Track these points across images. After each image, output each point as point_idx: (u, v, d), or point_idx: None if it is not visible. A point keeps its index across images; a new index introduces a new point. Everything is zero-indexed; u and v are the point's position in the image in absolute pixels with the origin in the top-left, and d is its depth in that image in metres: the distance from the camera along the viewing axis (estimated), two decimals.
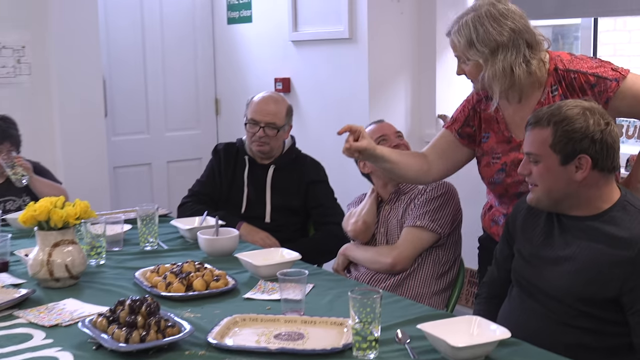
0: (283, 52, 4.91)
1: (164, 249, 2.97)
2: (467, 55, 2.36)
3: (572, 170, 2.04)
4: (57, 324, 2.14)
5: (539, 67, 2.35)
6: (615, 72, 2.32)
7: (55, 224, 2.45)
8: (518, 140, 2.42)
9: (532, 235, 2.19)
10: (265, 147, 3.40)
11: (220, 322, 2.08)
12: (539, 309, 2.10)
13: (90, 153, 4.78)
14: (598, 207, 2.07)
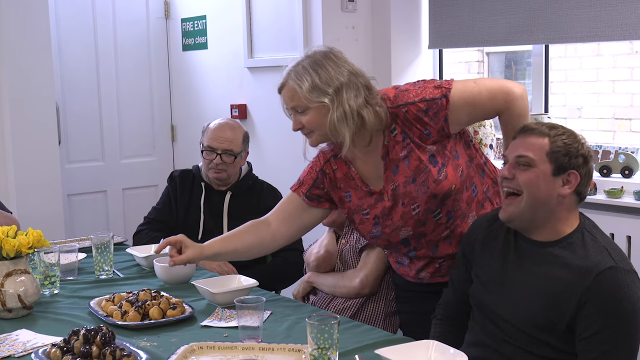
0: (239, 79, 4.92)
1: (119, 277, 2.94)
2: (310, 101, 2.25)
3: (559, 183, 2.03)
4: (9, 355, 2.10)
5: (382, 109, 2.29)
6: (439, 89, 2.28)
7: (7, 254, 2.41)
8: (378, 190, 2.38)
9: (490, 260, 2.18)
10: (222, 174, 3.39)
11: (177, 350, 2.06)
12: (499, 334, 2.09)
13: (44, 180, 4.70)
14: (559, 231, 2.06)
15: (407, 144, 2.32)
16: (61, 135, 4.99)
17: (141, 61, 5.46)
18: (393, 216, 2.36)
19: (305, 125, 2.30)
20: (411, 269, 2.54)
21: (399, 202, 2.35)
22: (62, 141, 5.02)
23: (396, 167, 2.34)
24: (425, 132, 2.30)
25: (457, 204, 2.35)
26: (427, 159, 2.31)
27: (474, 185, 2.40)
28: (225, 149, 3.35)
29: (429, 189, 2.30)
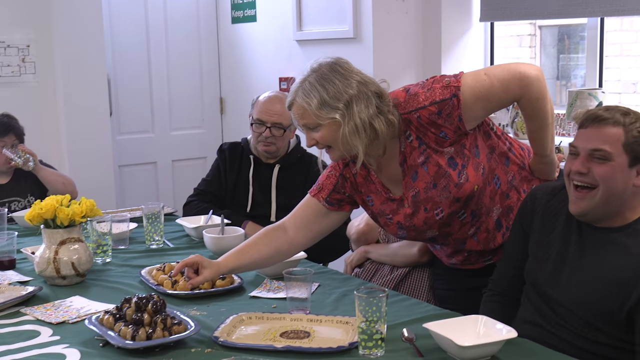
0: (287, 52, 4.92)
1: (169, 247, 2.98)
2: (320, 117, 2.16)
3: (634, 174, 1.95)
4: (64, 321, 2.15)
5: (394, 115, 2.21)
6: (449, 89, 2.19)
7: (61, 222, 2.46)
8: (398, 197, 2.33)
9: (549, 239, 2.11)
10: (271, 147, 3.40)
11: (226, 320, 2.09)
12: (555, 317, 2.04)
13: (96, 152, 4.79)
14: (626, 218, 1.99)
15: (424, 149, 2.24)
16: (112, 107, 5.06)
17: (191, 34, 5.48)
18: (415, 222, 2.32)
19: (319, 141, 2.23)
20: (442, 254, 2.53)
21: (421, 208, 2.29)
22: (113, 113, 5.09)
23: (415, 173, 2.27)
24: (441, 135, 2.21)
25: (481, 201, 2.29)
26: (445, 162, 2.23)
27: (496, 178, 2.32)
28: (274, 122, 3.35)
29: (450, 193, 2.24)
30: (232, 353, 1.87)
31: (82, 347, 1.96)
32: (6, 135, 3.67)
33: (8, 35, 4.58)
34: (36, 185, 3.78)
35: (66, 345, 1.97)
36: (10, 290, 2.42)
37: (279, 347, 1.90)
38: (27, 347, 1.98)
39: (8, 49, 4.59)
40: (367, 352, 1.86)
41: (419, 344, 1.90)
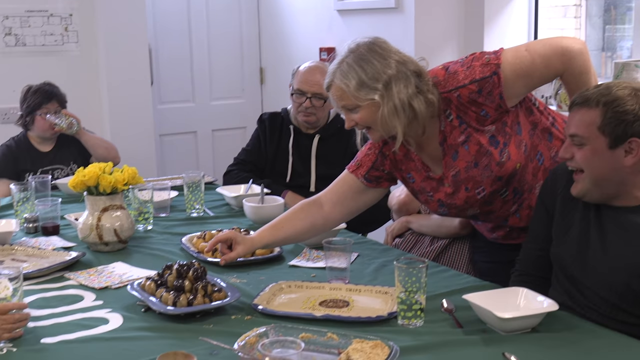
0: (328, 21, 4.88)
1: (210, 216, 3.00)
2: (359, 99, 2.12)
3: (621, 154, 1.91)
4: (107, 286, 2.19)
5: (434, 95, 2.17)
6: (489, 66, 2.14)
7: (104, 189, 2.49)
8: (437, 176, 2.30)
9: (571, 221, 2.07)
10: (311, 118, 3.40)
11: (266, 288, 2.11)
12: (583, 300, 2.01)
13: (137, 121, 4.83)
14: (637, 197, 1.95)
15: (465, 128, 2.20)
16: (153, 76, 5.08)
17: (231, 3, 5.47)
18: (456, 201, 2.29)
19: (359, 122, 2.20)
20: (484, 229, 2.50)
21: (462, 188, 2.26)
22: (154, 82, 5.11)
23: (455, 153, 2.24)
24: (481, 114, 2.17)
25: (523, 179, 2.26)
26: (487, 141, 2.20)
27: (539, 154, 2.28)
28: (315, 92, 3.34)
29: (492, 172, 2.21)
30: (271, 320, 1.88)
31: (124, 312, 1.99)
32: (49, 102, 3.70)
33: (51, 5, 4.61)
34: (79, 153, 3.82)
35: (109, 310, 2.01)
36: (55, 255, 2.46)
37: (318, 315, 1.91)
38: (71, 311, 2.01)
39: (51, 17, 4.62)
40: (406, 322, 1.86)
41: (459, 315, 1.90)
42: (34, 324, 1.90)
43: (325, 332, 1.76)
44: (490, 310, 1.79)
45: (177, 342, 1.78)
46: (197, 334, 1.82)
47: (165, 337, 1.83)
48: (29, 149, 3.77)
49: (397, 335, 1.79)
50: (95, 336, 1.85)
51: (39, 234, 2.76)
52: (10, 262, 2.42)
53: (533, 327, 1.83)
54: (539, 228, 2.19)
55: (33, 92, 3.71)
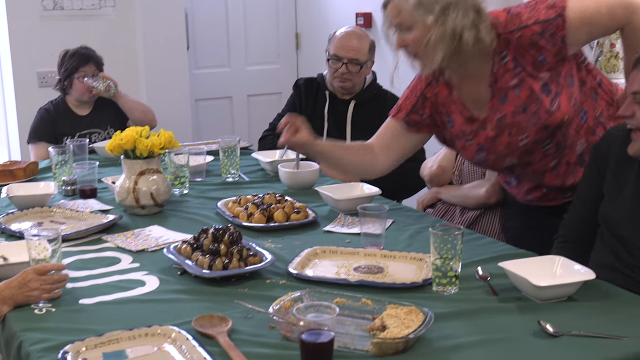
0: None
1: (245, 181, 3.02)
2: (414, 19, 2.11)
3: None
4: (144, 249, 2.21)
5: (488, 33, 2.14)
6: (553, 9, 2.11)
7: (140, 153, 2.50)
8: (481, 118, 2.27)
9: (624, 182, 2.04)
10: (347, 84, 3.38)
11: (301, 253, 2.11)
12: (632, 261, 1.98)
13: (173, 85, 4.85)
14: None
15: (519, 72, 2.18)
16: (189, 41, 5.09)
17: None
18: (497, 146, 2.27)
19: (410, 44, 2.18)
20: (519, 190, 2.48)
21: (505, 132, 2.24)
22: (190, 47, 5.12)
23: (504, 96, 2.22)
24: (539, 59, 2.15)
25: (567, 133, 2.23)
26: (539, 88, 2.18)
27: (583, 112, 2.25)
28: (351, 58, 3.32)
29: (540, 119, 2.19)
30: (306, 285, 1.89)
31: (161, 275, 2.01)
32: (86, 65, 3.72)
33: None
34: (116, 116, 3.85)
35: (145, 273, 2.03)
36: (92, 218, 2.49)
37: (353, 281, 1.91)
38: (108, 272, 2.04)
39: None
40: (441, 289, 1.86)
41: (494, 283, 1.89)
42: (72, 285, 1.93)
43: (360, 297, 1.76)
44: (526, 278, 1.78)
45: (213, 305, 1.80)
46: (232, 297, 1.83)
47: (200, 300, 1.85)
48: (67, 112, 3.80)
49: (432, 302, 1.78)
50: (132, 298, 1.87)
51: (77, 196, 2.80)
52: (49, 223, 2.46)
53: (569, 295, 1.81)
54: (588, 189, 2.16)
55: (70, 55, 3.73)
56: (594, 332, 1.63)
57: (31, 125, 3.82)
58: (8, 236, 2.33)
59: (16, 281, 1.79)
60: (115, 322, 1.71)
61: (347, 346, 1.57)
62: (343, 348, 1.56)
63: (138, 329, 1.64)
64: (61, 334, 1.65)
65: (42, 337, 1.65)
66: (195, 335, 1.62)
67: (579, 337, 1.61)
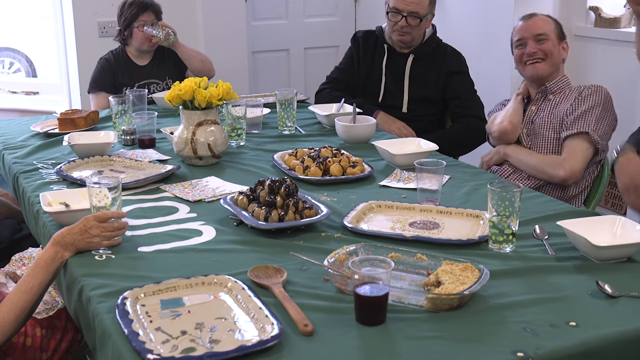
0: None
1: (301, 134, 3.02)
2: None
3: None
4: (201, 199, 2.24)
5: None
6: None
7: (199, 104, 2.52)
8: None
9: None
10: (406, 37, 3.34)
11: (356, 207, 2.11)
12: None
13: (231, 36, 4.85)
14: None
15: None
16: None
17: None
18: None
19: None
20: None
21: None
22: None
23: None
24: None
25: None
26: None
27: None
28: (411, 11, 3.28)
29: None
30: (361, 239, 1.90)
31: (217, 225, 2.03)
32: (145, 13, 3.73)
33: None
34: (175, 67, 3.87)
35: (202, 223, 2.06)
36: (151, 167, 2.53)
37: (408, 236, 1.91)
38: (166, 222, 2.07)
39: None
40: (497, 247, 1.84)
41: (552, 242, 1.88)
42: (131, 233, 1.97)
43: (415, 252, 1.76)
44: (585, 238, 1.76)
45: (268, 257, 1.82)
46: (288, 249, 1.85)
47: (256, 250, 1.87)
48: (127, 62, 3.83)
49: (488, 259, 1.78)
50: (189, 247, 1.90)
51: (136, 146, 2.84)
52: (109, 172, 2.50)
53: (629, 256, 1.79)
54: None
55: (129, 4, 3.75)
56: None
57: (92, 75, 3.86)
58: (70, 183, 2.38)
59: (77, 227, 1.83)
60: (172, 270, 1.75)
61: (401, 300, 1.57)
62: (397, 302, 1.57)
63: (195, 277, 1.67)
64: (120, 280, 1.69)
65: (102, 282, 1.69)
66: (251, 285, 1.64)
67: (637, 299, 1.59)
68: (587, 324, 1.50)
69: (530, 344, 1.42)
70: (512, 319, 1.51)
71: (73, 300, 1.76)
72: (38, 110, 4.87)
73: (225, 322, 1.51)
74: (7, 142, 2.95)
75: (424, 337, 1.45)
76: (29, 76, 6.27)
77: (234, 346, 1.39)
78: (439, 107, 3.43)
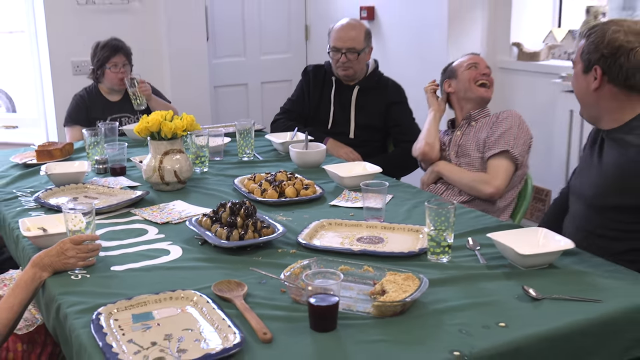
0: None
1: (259, 160, 3.02)
2: None
3: (590, 80, 1.99)
4: (168, 221, 2.22)
5: None
6: None
7: (165, 135, 2.50)
8: None
9: (589, 150, 2.13)
10: (349, 71, 3.37)
11: (309, 225, 2.11)
12: (582, 210, 2.06)
13: (194, 73, 4.84)
14: (616, 119, 1.99)
15: None
16: (209, 32, 5.07)
17: None
18: None
19: None
20: None
21: None
22: (209, 38, 5.10)
23: None
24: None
25: None
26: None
27: None
28: (348, 47, 3.31)
29: None
30: (314, 254, 1.90)
31: (184, 245, 2.02)
32: (116, 55, 3.70)
33: None
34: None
35: (170, 243, 2.04)
36: (122, 193, 2.50)
37: (356, 250, 1.92)
38: (137, 242, 2.05)
39: None
40: (435, 258, 1.86)
41: (483, 252, 1.90)
42: (104, 254, 1.95)
43: (362, 265, 1.77)
44: (511, 248, 1.79)
45: (230, 272, 1.81)
46: (248, 264, 1.84)
47: (219, 267, 1.86)
48: (99, 98, 3.80)
49: (427, 269, 1.79)
50: (158, 265, 1.88)
51: (108, 174, 2.80)
52: (83, 198, 2.47)
53: (550, 263, 1.82)
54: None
55: (102, 47, 3.72)
56: (572, 295, 1.64)
57: (67, 110, 3.81)
58: (47, 210, 2.35)
59: (54, 250, 1.81)
60: (143, 286, 1.73)
61: (350, 309, 1.58)
62: (347, 310, 1.57)
63: (163, 293, 1.65)
64: (95, 297, 1.67)
65: (78, 300, 1.67)
66: (215, 298, 1.63)
67: (559, 301, 1.62)
68: (514, 325, 1.52)
69: (465, 343, 1.44)
70: (449, 322, 1.53)
71: (51, 317, 1.73)
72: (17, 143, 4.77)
73: (192, 333, 1.50)
74: None
75: (371, 341, 1.46)
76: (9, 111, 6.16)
77: (200, 354, 1.39)
78: (382, 134, 3.46)
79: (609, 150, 2.00)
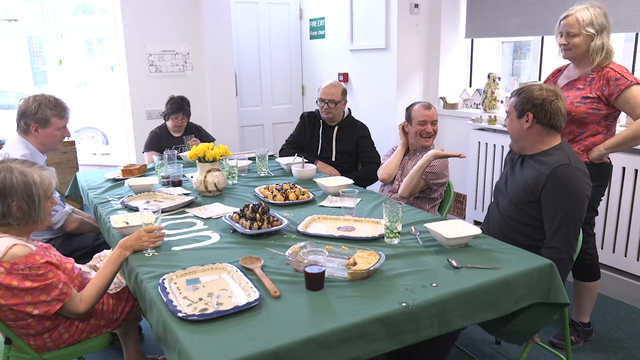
0: (344, 56, 4.81)
1: (271, 175, 3.00)
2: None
3: (523, 122, 1.99)
4: (210, 217, 2.20)
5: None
6: (628, 80, 2.18)
7: (208, 159, 2.49)
8: None
9: (510, 166, 2.13)
10: (329, 115, 3.37)
11: (305, 219, 2.10)
12: (506, 203, 2.06)
13: (228, 117, 4.82)
14: (538, 148, 2.00)
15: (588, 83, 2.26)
16: (237, 90, 5.05)
17: (285, 45, 5.39)
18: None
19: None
20: None
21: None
22: (238, 93, 5.09)
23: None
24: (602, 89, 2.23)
25: None
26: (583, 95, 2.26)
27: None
28: (330, 99, 3.31)
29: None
30: (308, 238, 1.90)
31: (220, 232, 2.01)
32: (178, 113, 3.59)
33: (176, 46, 4.60)
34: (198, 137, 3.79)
35: (211, 231, 2.02)
36: (179, 198, 2.48)
37: (336, 235, 1.91)
38: (189, 231, 2.04)
39: (176, 55, 4.61)
40: (390, 240, 1.86)
41: (422, 237, 1.90)
42: (167, 239, 1.94)
43: (340, 245, 1.77)
44: (440, 233, 1.79)
45: (252, 251, 1.80)
46: (264, 246, 1.84)
47: (244, 247, 1.85)
48: (167, 134, 3.76)
49: (384, 248, 1.79)
50: (203, 246, 1.87)
51: (170, 185, 2.78)
52: (153, 202, 2.45)
53: (466, 243, 1.82)
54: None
55: (172, 102, 3.62)
56: (481, 265, 1.64)
57: (145, 141, 3.78)
58: (129, 209, 2.33)
59: (134, 236, 1.80)
60: (193, 261, 1.72)
61: (333, 275, 1.58)
62: (330, 276, 1.57)
63: (207, 265, 1.64)
64: (161, 268, 1.66)
65: (150, 270, 1.66)
66: (241, 268, 1.63)
67: (472, 269, 1.62)
68: (443, 285, 1.52)
69: (409, 297, 1.44)
70: (399, 283, 1.53)
71: (132, 282, 1.72)
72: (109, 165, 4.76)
73: (226, 292, 1.49)
74: (90, 185, 2.87)
75: (347, 296, 1.45)
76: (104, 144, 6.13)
77: (232, 306, 1.38)
78: (354, 158, 3.45)
79: (529, 166, 2.00)
